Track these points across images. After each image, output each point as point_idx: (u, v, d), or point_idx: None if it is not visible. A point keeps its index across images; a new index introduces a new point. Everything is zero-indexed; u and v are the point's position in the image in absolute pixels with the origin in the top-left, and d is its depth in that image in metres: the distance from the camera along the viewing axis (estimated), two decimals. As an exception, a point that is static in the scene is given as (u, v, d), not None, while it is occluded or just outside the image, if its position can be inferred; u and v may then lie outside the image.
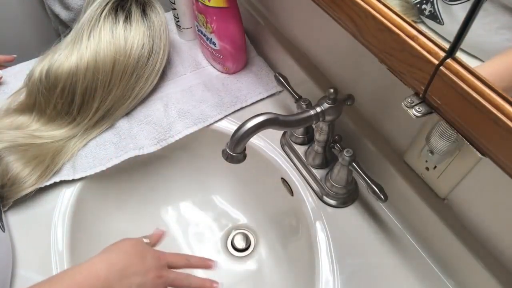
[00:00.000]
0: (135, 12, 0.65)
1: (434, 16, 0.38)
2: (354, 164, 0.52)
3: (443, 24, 0.35)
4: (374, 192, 0.49)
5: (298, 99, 0.60)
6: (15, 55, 0.79)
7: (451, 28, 0.33)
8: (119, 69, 0.63)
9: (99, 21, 0.62)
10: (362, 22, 0.38)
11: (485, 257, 0.45)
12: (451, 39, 0.32)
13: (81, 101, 0.63)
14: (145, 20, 0.66)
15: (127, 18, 0.64)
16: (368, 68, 0.54)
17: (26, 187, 0.57)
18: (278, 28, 0.73)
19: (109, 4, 0.64)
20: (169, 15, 0.80)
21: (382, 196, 0.49)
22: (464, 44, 0.32)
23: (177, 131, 0.66)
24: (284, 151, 0.65)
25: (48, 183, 0.59)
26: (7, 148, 0.58)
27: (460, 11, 0.35)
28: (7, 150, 0.58)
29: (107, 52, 0.61)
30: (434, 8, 0.38)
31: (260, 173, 0.68)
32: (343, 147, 0.54)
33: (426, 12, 0.38)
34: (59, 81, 0.61)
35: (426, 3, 0.38)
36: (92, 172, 0.61)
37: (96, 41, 0.62)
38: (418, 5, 0.39)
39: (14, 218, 0.57)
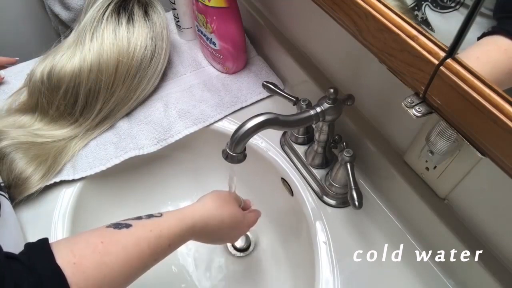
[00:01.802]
0: (138, 13, 0.65)
1: (427, 23, 0.38)
2: (348, 165, 0.52)
3: (434, 32, 0.35)
4: (351, 197, 0.49)
5: (296, 100, 0.60)
6: (17, 58, 0.79)
7: (441, 36, 0.33)
8: (122, 71, 0.63)
9: (101, 22, 0.62)
10: (362, 22, 0.38)
11: (485, 257, 0.45)
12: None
13: (84, 102, 0.63)
14: (147, 21, 0.65)
15: (130, 19, 0.64)
16: (368, 68, 0.54)
17: (30, 188, 0.57)
18: (278, 28, 0.73)
19: (111, 5, 0.63)
20: (169, 15, 0.80)
21: (356, 203, 0.49)
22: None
23: (177, 131, 0.66)
24: (284, 151, 0.65)
25: (48, 183, 0.59)
26: (10, 145, 0.58)
27: (451, 19, 0.36)
28: (10, 147, 0.58)
29: (110, 54, 0.61)
30: (425, 15, 0.38)
31: (260, 173, 0.68)
32: (343, 147, 0.54)
33: (419, 18, 0.38)
34: (62, 83, 0.61)
35: (418, 10, 0.38)
36: (92, 172, 0.61)
37: (99, 42, 0.61)
38: (412, 11, 0.39)
39: (14, 218, 0.57)
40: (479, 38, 0.33)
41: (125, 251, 0.39)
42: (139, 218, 0.44)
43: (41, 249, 0.36)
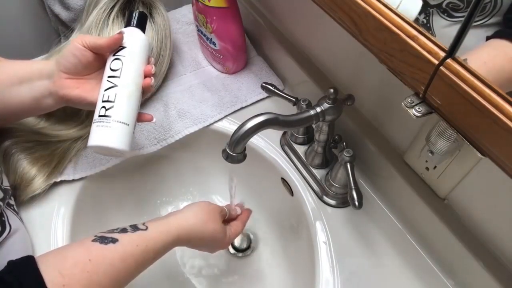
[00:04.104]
0: None
1: (427, 28, 0.38)
2: (348, 165, 0.52)
3: (435, 37, 0.35)
4: (351, 197, 0.49)
5: (296, 101, 0.60)
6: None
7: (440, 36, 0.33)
8: None
9: (107, 25, 0.62)
10: (362, 22, 0.38)
11: (485, 257, 0.46)
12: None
13: None
14: (152, 24, 0.65)
15: None
16: (368, 68, 0.54)
17: (34, 189, 0.57)
18: (278, 28, 0.73)
19: (116, 7, 0.63)
20: (171, 15, 0.80)
21: (356, 203, 0.49)
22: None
23: (177, 131, 0.66)
24: (284, 151, 0.65)
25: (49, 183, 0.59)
26: (14, 144, 0.57)
27: (453, 27, 0.36)
28: (15, 146, 0.57)
29: None
30: (427, 20, 0.38)
31: (260, 173, 0.68)
32: (343, 147, 0.54)
33: (420, 22, 0.38)
34: None
35: (420, 14, 0.38)
36: (92, 172, 0.61)
37: None
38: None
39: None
40: (488, 38, 0.33)
41: (113, 268, 0.40)
42: (125, 231, 0.44)
43: (29, 271, 0.36)
